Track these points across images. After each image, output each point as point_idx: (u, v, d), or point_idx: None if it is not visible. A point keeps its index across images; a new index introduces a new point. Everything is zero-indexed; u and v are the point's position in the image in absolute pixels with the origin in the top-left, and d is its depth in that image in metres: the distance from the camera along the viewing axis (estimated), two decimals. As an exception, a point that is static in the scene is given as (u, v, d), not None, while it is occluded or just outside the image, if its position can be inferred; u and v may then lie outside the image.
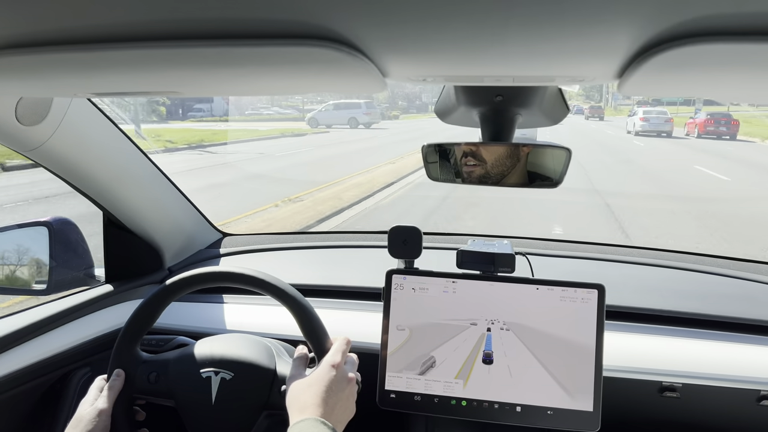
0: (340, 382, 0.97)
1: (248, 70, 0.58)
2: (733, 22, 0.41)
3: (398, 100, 62.31)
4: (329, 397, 0.93)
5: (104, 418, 0.99)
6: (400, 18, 0.43)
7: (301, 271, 1.66)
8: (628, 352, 1.27)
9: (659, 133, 22.71)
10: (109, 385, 1.04)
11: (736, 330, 1.33)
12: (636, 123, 23.41)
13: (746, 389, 1.20)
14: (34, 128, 1.10)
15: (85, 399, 1.04)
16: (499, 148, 0.93)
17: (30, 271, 1.42)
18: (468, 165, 0.96)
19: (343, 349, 1.03)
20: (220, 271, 1.11)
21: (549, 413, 1.13)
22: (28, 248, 1.41)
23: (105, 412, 1.00)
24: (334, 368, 0.98)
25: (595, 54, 0.52)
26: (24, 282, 1.43)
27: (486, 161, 0.95)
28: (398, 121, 42.52)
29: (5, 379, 1.15)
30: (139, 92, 0.77)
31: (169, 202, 1.60)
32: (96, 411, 0.99)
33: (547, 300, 1.16)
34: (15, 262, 1.43)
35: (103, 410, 1.00)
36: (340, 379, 0.97)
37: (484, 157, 0.95)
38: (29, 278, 1.43)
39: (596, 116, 43.38)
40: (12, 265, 1.43)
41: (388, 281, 1.22)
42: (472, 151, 0.95)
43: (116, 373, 1.07)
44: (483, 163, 0.95)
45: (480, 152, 0.95)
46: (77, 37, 0.50)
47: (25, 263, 1.43)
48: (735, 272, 1.55)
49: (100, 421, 0.98)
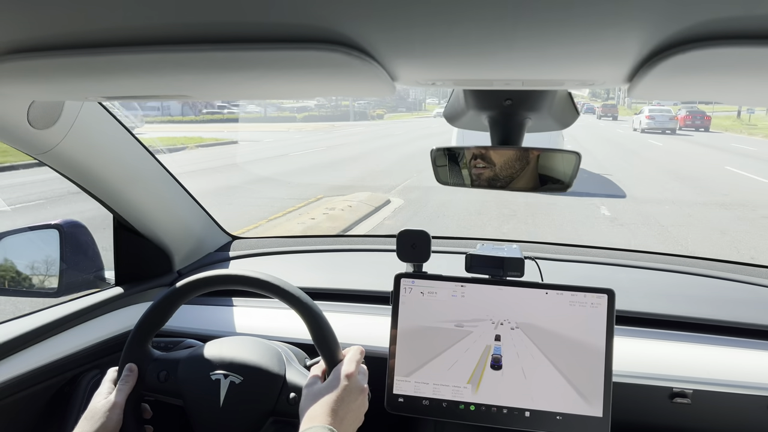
0: (353, 393, 0.96)
1: (258, 74, 0.58)
2: (742, 25, 0.41)
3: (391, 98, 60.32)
4: (340, 407, 0.92)
5: (118, 412, 0.99)
6: (409, 22, 0.43)
7: (310, 274, 1.66)
8: (639, 357, 1.26)
9: (663, 130, 24.71)
10: (123, 380, 1.04)
11: (747, 336, 1.31)
12: (642, 121, 25.35)
13: (758, 396, 1.18)
14: (45, 131, 1.11)
15: (99, 392, 1.04)
16: (508, 152, 0.93)
17: (41, 274, 1.44)
18: (477, 167, 0.96)
19: (357, 359, 1.03)
20: (230, 274, 1.11)
21: (558, 418, 1.12)
22: (38, 251, 1.43)
23: (119, 406, 1.00)
24: (348, 378, 0.97)
25: (605, 58, 0.52)
26: (35, 284, 1.45)
27: (495, 165, 0.94)
28: (379, 122, 37.92)
29: (16, 381, 1.15)
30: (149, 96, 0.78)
31: (178, 205, 1.61)
32: (110, 404, 0.99)
33: (557, 305, 1.15)
34: (26, 264, 1.44)
35: (117, 403, 1.00)
36: (352, 389, 0.96)
37: (493, 161, 0.94)
38: (40, 280, 1.44)
39: (609, 115, 41.18)
40: (23, 267, 1.44)
41: (396, 285, 1.22)
42: (481, 154, 0.95)
43: (129, 367, 1.07)
44: (492, 166, 0.95)
45: (489, 156, 0.94)
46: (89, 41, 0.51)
47: (35, 265, 1.44)
48: (746, 277, 1.53)
49: (114, 414, 0.98)
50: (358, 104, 39.96)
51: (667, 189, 10.40)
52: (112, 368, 1.09)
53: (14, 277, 1.44)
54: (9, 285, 1.45)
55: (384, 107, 50.17)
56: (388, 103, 54.88)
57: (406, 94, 60.76)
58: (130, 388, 1.04)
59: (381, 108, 48.32)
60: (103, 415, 0.97)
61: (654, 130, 24.72)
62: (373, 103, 47.49)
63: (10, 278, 1.45)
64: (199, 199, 1.70)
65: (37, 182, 9.92)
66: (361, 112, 38.45)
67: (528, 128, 0.95)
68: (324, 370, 1.05)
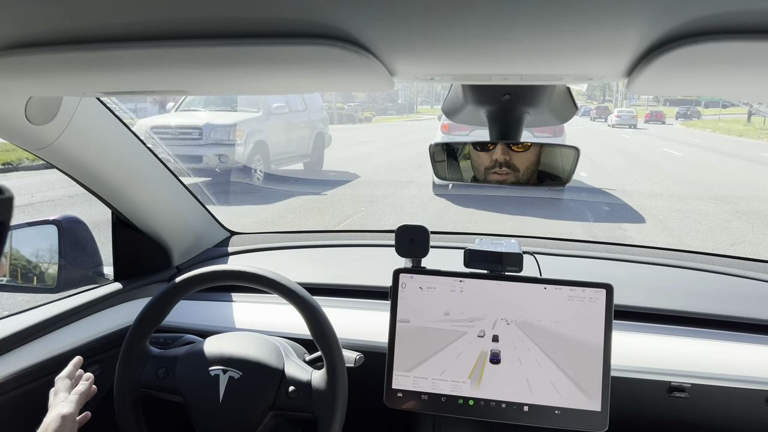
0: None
1: (257, 69, 0.58)
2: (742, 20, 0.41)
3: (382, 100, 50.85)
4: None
5: (69, 423, 0.94)
6: (407, 17, 0.43)
7: (309, 269, 1.66)
8: (637, 352, 1.26)
9: (629, 125, 34.86)
10: (76, 390, 1.00)
11: (745, 330, 1.32)
12: (613, 119, 36.83)
13: (755, 389, 1.19)
14: (43, 127, 1.11)
15: (51, 403, 0.99)
16: (508, 147, 0.93)
17: (39, 269, 1.44)
18: (477, 164, 0.96)
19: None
20: (229, 270, 1.11)
21: (557, 413, 1.13)
22: (37, 246, 1.42)
23: (69, 418, 0.94)
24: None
25: (604, 52, 0.52)
26: (33, 280, 1.45)
27: (496, 161, 0.94)
28: (360, 125, 33.30)
29: (15, 377, 1.15)
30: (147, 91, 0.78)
31: (177, 201, 1.60)
32: (59, 416, 0.94)
33: (555, 299, 1.15)
34: (25, 260, 1.44)
35: (67, 415, 0.94)
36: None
37: (493, 157, 0.94)
38: (39, 276, 1.44)
39: (602, 118, 43.56)
40: (22, 263, 1.44)
41: (395, 280, 1.22)
42: (481, 150, 0.95)
43: (85, 377, 1.03)
44: (493, 163, 0.95)
45: (490, 151, 0.94)
46: (86, 37, 0.50)
47: (34, 261, 1.44)
48: (744, 272, 1.53)
49: (65, 426, 0.93)
50: (348, 106, 37.44)
51: (616, 157, 15.67)
52: (62, 377, 1.03)
53: (13, 272, 1.44)
54: (8, 281, 1.45)
55: (374, 109, 45.75)
56: (379, 105, 50.07)
57: (396, 96, 54.96)
58: (86, 398, 1.00)
59: (370, 110, 43.87)
60: (54, 430, 0.92)
61: (621, 125, 34.94)
62: (364, 105, 44.28)
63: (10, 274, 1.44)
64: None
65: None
66: (348, 115, 35.59)
67: (527, 123, 0.95)
68: None
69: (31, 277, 1.44)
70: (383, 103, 50.49)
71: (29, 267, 1.45)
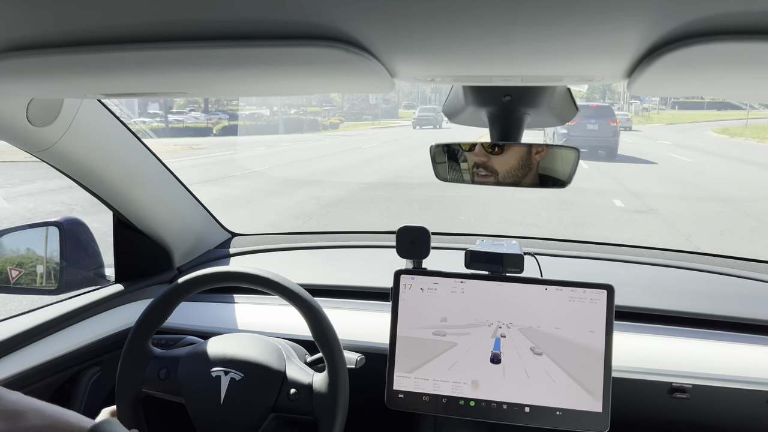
0: None
1: (257, 71, 0.58)
2: (742, 20, 0.41)
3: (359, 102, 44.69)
4: None
5: None
6: (408, 18, 0.43)
7: (310, 270, 1.66)
8: (638, 352, 1.26)
9: (625, 128, 35.56)
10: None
11: (746, 331, 1.31)
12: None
13: (756, 390, 1.19)
14: (44, 129, 1.11)
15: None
16: (508, 147, 0.93)
17: (41, 271, 1.44)
18: (478, 165, 0.96)
19: None
20: (230, 271, 1.11)
21: (558, 414, 1.13)
22: (39, 248, 1.43)
23: None
24: None
25: (604, 53, 0.52)
26: (35, 281, 1.45)
27: (496, 162, 0.94)
28: (323, 133, 28.69)
29: (16, 378, 1.15)
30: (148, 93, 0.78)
31: (178, 202, 1.61)
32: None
33: (556, 300, 1.15)
34: (26, 261, 1.44)
35: None
36: None
37: (493, 158, 0.94)
38: (40, 278, 1.44)
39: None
40: (23, 264, 1.44)
41: (396, 281, 1.22)
42: (468, 151, 0.95)
43: None
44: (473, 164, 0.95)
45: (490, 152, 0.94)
46: (87, 39, 0.51)
47: (36, 263, 1.44)
48: (745, 273, 1.53)
49: None
50: (325, 110, 34.10)
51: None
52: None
53: (14, 274, 1.44)
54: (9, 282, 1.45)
55: (343, 115, 39.96)
56: (352, 110, 44.37)
57: (379, 100, 46.95)
58: None
59: (337, 116, 38.51)
60: None
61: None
62: (332, 110, 39.44)
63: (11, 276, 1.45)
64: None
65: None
66: (311, 121, 31.23)
67: (527, 124, 0.95)
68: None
69: (33, 279, 1.44)
70: (358, 108, 45.16)
71: (30, 269, 1.45)
